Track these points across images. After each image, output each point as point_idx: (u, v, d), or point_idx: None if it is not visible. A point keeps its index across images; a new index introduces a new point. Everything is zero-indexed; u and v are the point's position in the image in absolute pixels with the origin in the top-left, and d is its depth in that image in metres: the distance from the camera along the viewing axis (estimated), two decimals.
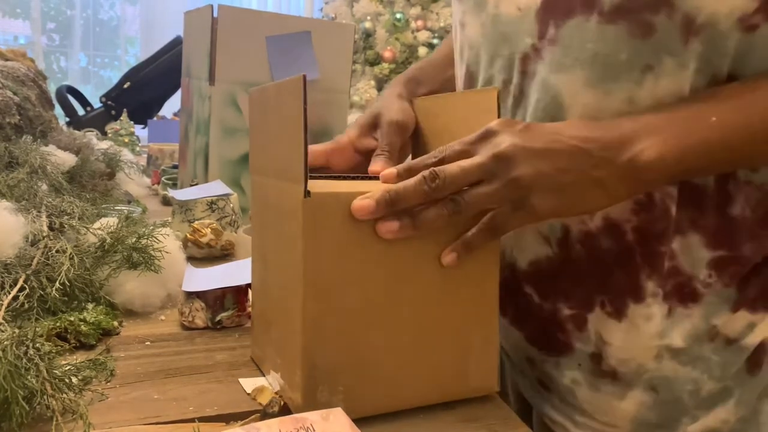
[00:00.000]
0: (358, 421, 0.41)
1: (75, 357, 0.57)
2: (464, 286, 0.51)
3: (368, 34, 3.75)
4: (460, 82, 0.66)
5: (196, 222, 0.91)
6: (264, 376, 0.55)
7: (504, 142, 0.46)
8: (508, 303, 0.60)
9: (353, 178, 0.55)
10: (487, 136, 0.47)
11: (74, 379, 0.50)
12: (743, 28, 0.47)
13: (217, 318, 0.66)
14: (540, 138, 0.47)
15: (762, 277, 0.52)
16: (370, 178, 0.55)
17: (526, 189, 0.46)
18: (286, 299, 0.50)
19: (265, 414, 0.48)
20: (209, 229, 0.90)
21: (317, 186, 0.46)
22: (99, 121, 2.30)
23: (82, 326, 0.60)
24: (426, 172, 0.46)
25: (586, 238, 0.54)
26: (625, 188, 0.47)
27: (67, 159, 1.07)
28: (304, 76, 0.42)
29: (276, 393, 0.50)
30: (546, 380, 0.59)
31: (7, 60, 1.37)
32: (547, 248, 0.56)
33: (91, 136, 1.47)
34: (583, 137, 0.47)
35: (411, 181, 0.46)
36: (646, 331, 0.53)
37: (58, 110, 1.94)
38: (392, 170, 0.48)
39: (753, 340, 0.52)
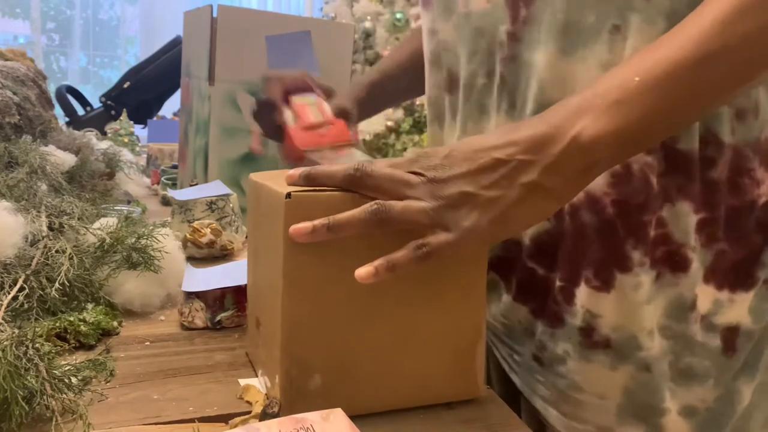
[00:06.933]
0: (357, 421, 0.41)
1: (75, 357, 0.57)
2: (450, 288, 0.50)
3: (368, 34, 3.75)
4: (432, 89, 0.66)
5: (196, 222, 0.91)
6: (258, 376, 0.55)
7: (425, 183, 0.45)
8: (512, 280, 0.60)
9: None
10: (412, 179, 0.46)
11: (74, 380, 0.50)
12: None
13: (217, 318, 0.66)
14: (460, 162, 0.45)
15: (737, 255, 0.52)
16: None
17: (453, 210, 0.44)
18: (270, 299, 0.50)
19: (264, 414, 0.48)
20: (209, 229, 0.90)
21: (300, 188, 0.47)
22: (99, 121, 2.29)
23: (82, 326, 0.60)
24: (369, 206, 0.45)
25: (573, 211, 0.54)
26: (563, 182, 0.44)
27: (67, 159, 1.07)
28: None
29: (264, 393, 0.50)
30: (539, 352, 0.59)
31: (6, 60, 1.37)
32: (545, 221, 0.57)
33: (90, 136, 1.47)
34: (504, 143, 0.44)
35: (355, 212, 0.45)
36: (635, 300, 0.53)
37: (58, 110, 1.94)
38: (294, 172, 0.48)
39: (720, 320, 0.53)
